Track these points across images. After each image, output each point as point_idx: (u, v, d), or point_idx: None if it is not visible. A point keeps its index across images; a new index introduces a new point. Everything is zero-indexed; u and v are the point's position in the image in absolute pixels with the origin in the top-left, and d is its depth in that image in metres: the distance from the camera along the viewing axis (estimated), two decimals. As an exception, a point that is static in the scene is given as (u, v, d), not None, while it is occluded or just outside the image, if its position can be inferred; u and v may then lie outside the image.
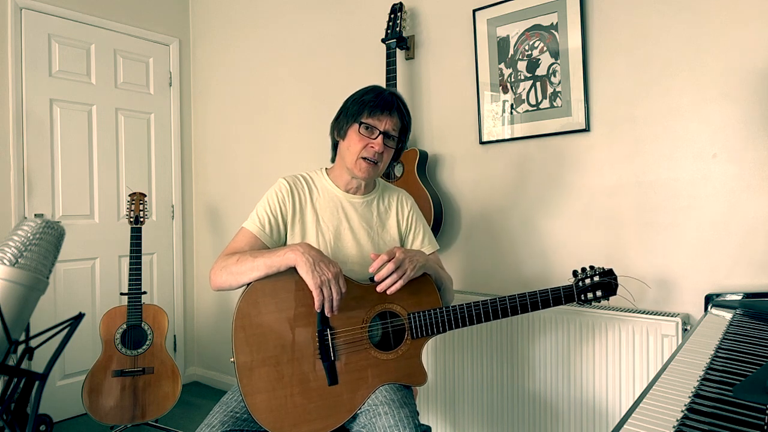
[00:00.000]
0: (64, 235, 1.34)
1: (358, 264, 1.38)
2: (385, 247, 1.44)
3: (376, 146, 1.33)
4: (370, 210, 1.45)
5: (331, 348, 1.25)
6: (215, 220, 3.19)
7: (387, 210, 1.48)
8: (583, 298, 1.33)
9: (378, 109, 1.33)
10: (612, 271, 1.34)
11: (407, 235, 1.51)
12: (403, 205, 1.51)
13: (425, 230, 1.52)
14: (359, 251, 1.40)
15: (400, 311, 1.31)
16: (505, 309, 1.31)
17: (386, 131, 1.34)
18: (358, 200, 1.44)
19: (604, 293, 1.33)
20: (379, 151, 1.34)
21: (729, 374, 0.80)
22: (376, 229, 1.44)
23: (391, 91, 1.40)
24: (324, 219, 1.39)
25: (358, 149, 1.34)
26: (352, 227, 1.41)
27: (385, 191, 1.52)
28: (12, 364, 1.18)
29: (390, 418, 1.16)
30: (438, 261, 1.51)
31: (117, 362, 2.31)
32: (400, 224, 1.49)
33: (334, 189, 1.43)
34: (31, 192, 2.61)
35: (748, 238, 1.54)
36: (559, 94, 1.85)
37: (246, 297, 1.22)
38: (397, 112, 1.36)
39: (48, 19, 2.67)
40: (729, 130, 1.57)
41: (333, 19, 2.56)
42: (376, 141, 1.33)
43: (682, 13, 1.63)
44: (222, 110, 3.15)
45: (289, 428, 1.20)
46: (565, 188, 1.87)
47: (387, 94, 1.36)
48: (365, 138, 1.34)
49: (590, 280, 1.34)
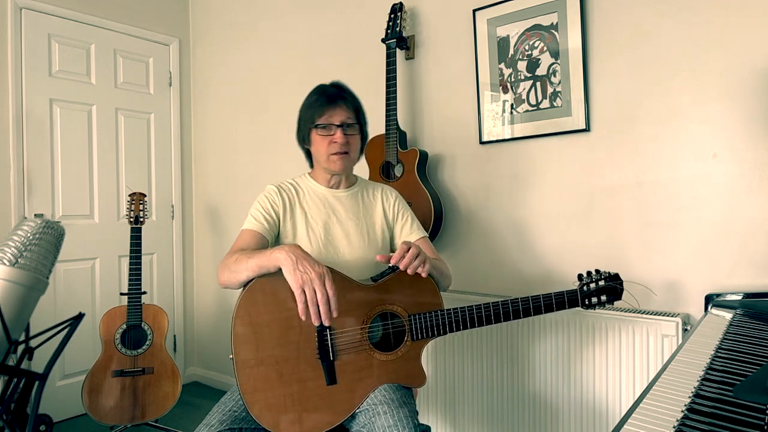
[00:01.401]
0: (64, 235, 1.34)
1: (350, 254, 1.42)
2: (375, 237, 1.48)
3: (338, 140, 1.39)
4: (356, 201, 1.50)
5: (331, 348, 1.25)
6: (215, 220, 3.19)
7: (372, 201, 1.53)
8: (587, 303, 1.32)
9: (326, 106, 1.40)
10: (618, 275, 1.33)
11: (395, 224, 1.54)
12: (388, 196, 1.55)
13: (412, 218, 1.56)
14: (349, 242, 1.44)
15: (401, 312, 1.31)
16: (507, 313, 1.30)
17: (342, 122, 1.40)
18: (342, 194, 1.49)
19: (609, 298, 1.32)
20: (342, 142, 1.39)
21: (729, 374, 0.80)
22: (363, 219, 1.48)
23: (333, 83, 1.47)
24: (312, 215, 1.44)
25: (325, 149, 1.41)
26: (340, 220, 1.45)
27: (368, 186, 1.57)
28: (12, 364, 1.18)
29: (389, 417, 1.17)
30: (430, 247, 1.54)
31: (117, 362, 2.31)
32: (386, 214, 1.53)
33: (318, 187, 1.49)
34: (31, 192, 2.61)
35: (748, 238, 1.54)
36: (559, 94, 1.85)
37: (246, 295, 1.22)
38: (344, 101, 1.42)
39: (48, 19, 2.67)
40: (729, 130, 1.57)
41: (333, 19, 2.56)
42: (336, 135, 1.39)
43: (683, 13, 1.63)
44: (222, 110, 3.15)
45: (287, 427, 1.20)
46: (566, 188, 1.87)
47: (329, 88, 1.44)
48: (326, 137, 1.40)
49: (595, 285, 1.32)
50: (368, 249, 1.45)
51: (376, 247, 1.47)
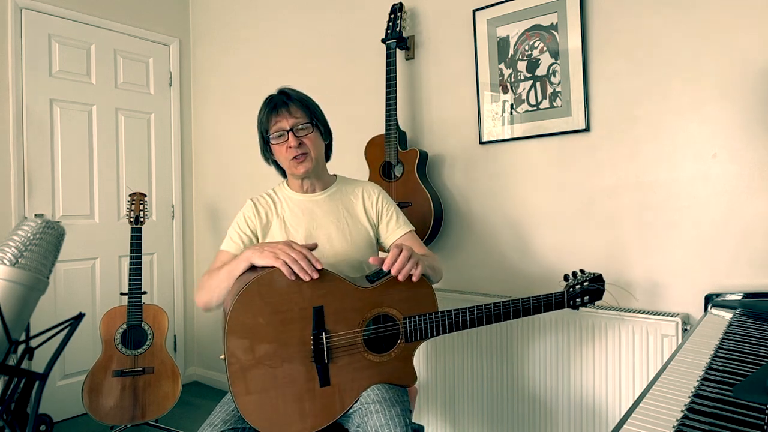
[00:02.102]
0: (64, 235, 1.34)
1: (333, 257, 1.42)
2: (358, 236, 1.48)
3: (291, 144, 1.39)
4: (334, 203, 1.50)
5: (326, 351, 1.25)
6: (215, 220, 3.19)
7: (353, 201, 1.52)
8: (572, 304, 1.37)
9: (272, 114, 1.41)
10: (601, 276, 1.39)
11: (380, 220, 1.53)
12: (371, 193, 1.54)
13: (397, 212, 1.55)
14: (331, 245, 1.44)
15: (396, 315, 1.31)
16: (498, 314, 1.33)
17: (292, 126, 1.40)
18: (319, 197, 1.49)
19: (591, 299, 1.39)
20: (295, 145, 1.39)
21: (729, 374, 0.80)
22: (344, 219, 1.48)
23: (280, 89, 1.47)
24: (291, 224, 1.45)
25: (283, 156, 1.42)
26: (320, 224, 1.45)
27: (347, 184, 1.56)
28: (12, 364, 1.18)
29: (381, 416, 1.17)
30: (417, 241, 1.54)
31: (117, 362, 2.31)
32: (369, 212, 1.52)
33: (294, 195, 1.50)
34: (31, 192, 2.61)
35: (748, 238, 1.54)
36: (559, 95, 1.85)
37: (240, 298, 1.21)
38: (288, 105, 1.41)
39: (48, 19, 2.67)
40: (729, 130, 1.57)
41: (333, 19, 2.56)
42: (290, 140, 1.39)
43: (682, 13, 1.63)
44: (222, 110, 3.15)
45: (279, 429, 1.20)
46: (565, 188, 1.87)
47: (275, 96, 1.44)
48: (282, 144, 1.41)
49: (580, 286, 1.38)
50: (351, 249, 1.45)
51: (359, 246, 1.46)
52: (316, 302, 1.25)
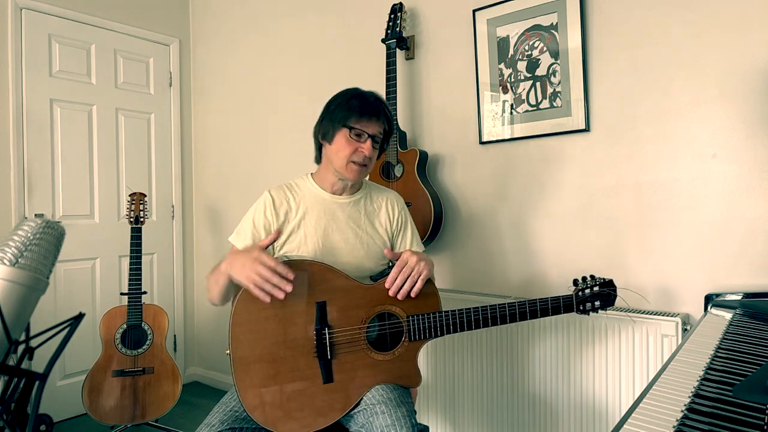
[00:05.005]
0: (64, 235, 1.34)
1: (347, 263, 1.38)
2: (374, 246, 1.45)
3: (366, 150, 1.35)
4: (358, 209, 1.46)
5: (329, 346, 1.25)
6: (215, 220, 3.19)
7: (376, 210, 1.49)
8: (582, 309, 1.35)
9: (366, 115, 1.36)
10: (612, 282, 1.36)
11: (396, 237, 1.51)
12: (394, 206, 1.52)
13: (413, 232, 1.54)
14: (348, 251, 1.41)
15: (400, 313, 1.31)
16: (504, 316, 1.32)
17: (373, 135, 1.37)
18: (344, 200, 1.45)
19: (603, 304, 1.36)
20: (369, 155, 1.36)
21: (729, 374, 0.80)
22: (364, 228, 1.45)
23: (376, 95, 1.42)
24: (311, 223, 1.40)
25: (348, 153, 1.36)
26: (340, 227, 1.42)
27: (373, 191, 1.53)
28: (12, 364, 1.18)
29: (387, 417, 1.17)
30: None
31: (117, 362, 2.31)
32: (390, 225, 1.50)
33: (320, 192, 1.44)
34: (31, 192, 2.61)
35: (748, 238, 1.54)
36: (559, 94, 1.85)
37: (245, 292, 1.22)
38: (384, 117, 1.39)
39: (48, 19, 2.67)
40: (729, 130, 1.57)
41: (333, 19, 2.56)
42: (366, 145, 1.36)
43: (682, 13, 1.63)
44: (222, 110, 3.15)
45: (282, 424, 1.20)
46: (565, 188, 1.87)
47: (373, 100, 1.39)
48: (354, 142, 1.36)
49: (590, 291, 1.35)
50: (366, 258, 1.42)
51: (373, 256, 1.44)
52: (320, 298, 1.26)
